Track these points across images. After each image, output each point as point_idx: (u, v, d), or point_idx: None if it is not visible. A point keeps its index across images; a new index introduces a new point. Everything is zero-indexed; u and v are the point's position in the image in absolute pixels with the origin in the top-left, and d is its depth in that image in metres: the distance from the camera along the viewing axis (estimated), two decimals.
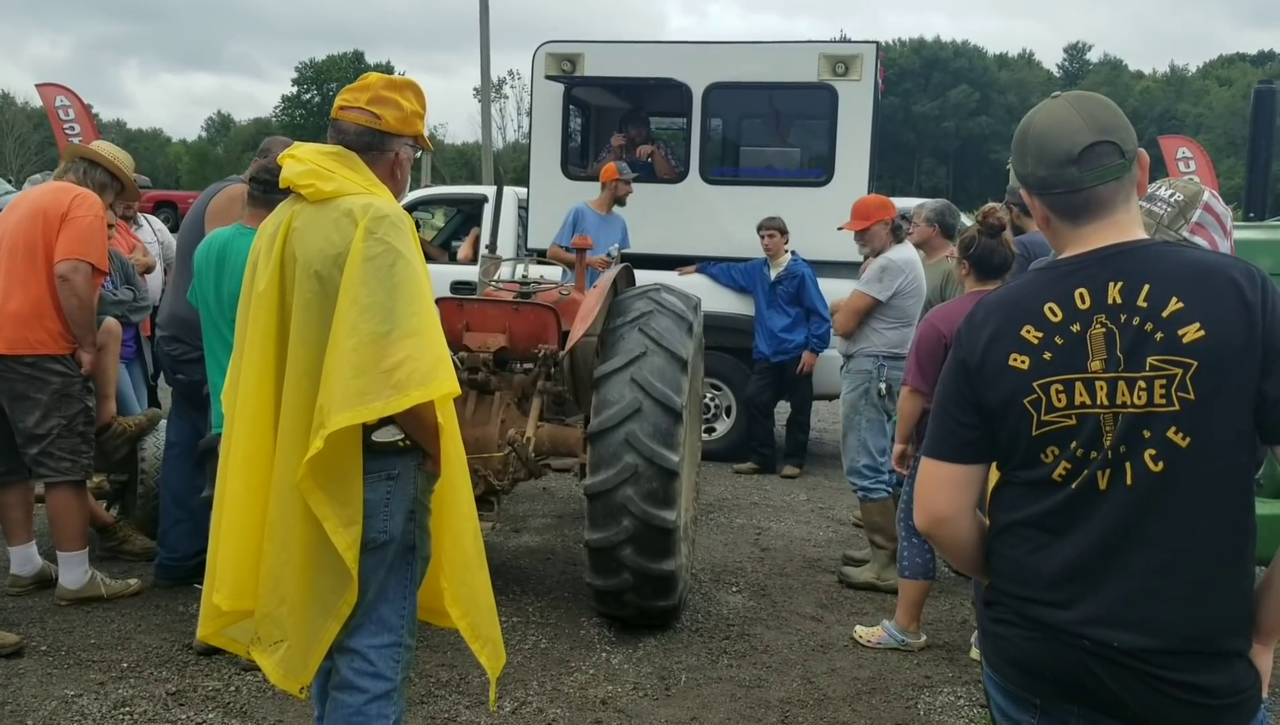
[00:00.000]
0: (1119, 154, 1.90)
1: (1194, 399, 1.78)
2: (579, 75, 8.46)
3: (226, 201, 4.75)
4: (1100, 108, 1.93)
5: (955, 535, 2.03)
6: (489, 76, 19.56)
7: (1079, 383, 1.85)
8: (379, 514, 2.83)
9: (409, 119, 2.93)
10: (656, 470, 4.44)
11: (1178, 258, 1.87)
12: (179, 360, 4.82)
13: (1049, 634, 1.87)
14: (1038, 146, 1.93)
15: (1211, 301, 1.79)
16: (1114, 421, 1.83)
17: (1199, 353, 1.77)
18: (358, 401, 2.61)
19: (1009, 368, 1.90)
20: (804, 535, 6.61)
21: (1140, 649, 1.79)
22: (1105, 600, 1.82)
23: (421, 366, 2.63)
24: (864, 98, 8.12)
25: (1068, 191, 1.91)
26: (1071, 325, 1.86)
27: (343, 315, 2.66)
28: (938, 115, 73.39)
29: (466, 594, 2.99)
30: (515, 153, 53.54)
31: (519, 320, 5.13)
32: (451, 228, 10.92)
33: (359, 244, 2.66)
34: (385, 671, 2.93)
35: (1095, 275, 1.88)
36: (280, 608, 2.81)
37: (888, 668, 4.65)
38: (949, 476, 2.01)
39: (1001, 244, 4.58)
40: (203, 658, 4.37)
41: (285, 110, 72.58)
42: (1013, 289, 1.99)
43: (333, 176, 2.79)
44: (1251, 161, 6.46)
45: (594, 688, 4.32)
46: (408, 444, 2.86)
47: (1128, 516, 1.82)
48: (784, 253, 7.91)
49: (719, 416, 8.43)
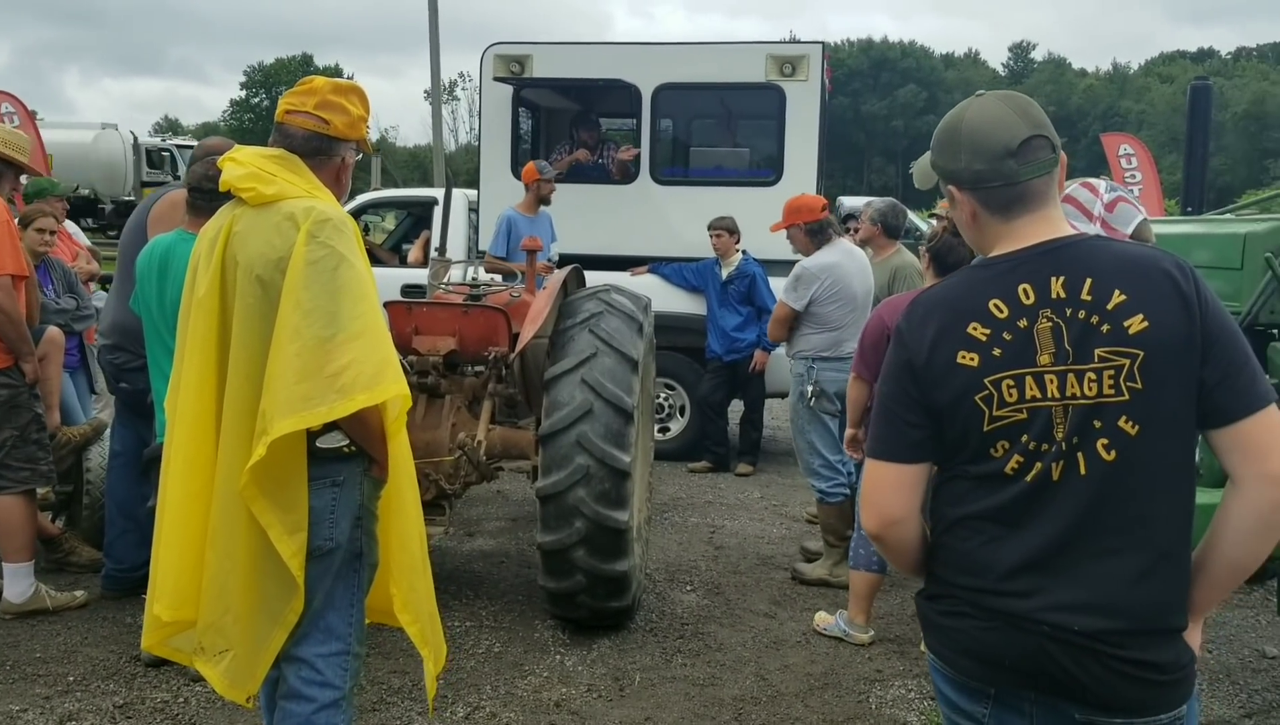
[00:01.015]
0: (1050, 149, 1.94)
1: (1142, 388, 1.82)
2: (528, 77, 8.44)
3: (169, 207, 4.69)
4: (1029, 105, 1.97)
5: (903, 536, 2.04)
6: (439, 79, 19.47)
7: (1029, 377, 1.88)
8: (324, 521, 2.81)
9: (355, 123, 2.91)
10: (608, 471, 4.45)
11: (1113, 252, 1.91)
12: (122, 368, 4.76)
13: (1008, 622, 1.90)
14: (973, 141, 1.94)
15: (1152, 293, 1.84)
16: (1065, 413, 1.86)
17: (1144, 343, 1.82)
18: (302, 407, 2.58)
19: (958, 366, 1.91)
20: (758, 533, 6.64)
21: (1098, 631, 1.83)
22: (1064, 587, 1.86)
23: (367, 370, 2.61)
24: (811, 97, 8.18)
25: (1004, 185, 1.93)
26: (1018, 321, 1.89)
27: (285, 320, 2.63)
28: (886, 115, 74.09)
29: (415, 599, 2.98)
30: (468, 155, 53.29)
31: (469, 323, 5.11)
32: (402, 231, 10.84)
33: (301, 248, 2.64)
34: (333, 680, 2.90)
35: (1037, 270, 1.90)
36: (225, 617, 2.78)
37: (839, 662, 4.69)
38: (897, 477, 2.01)
39: (963, 244, 4.65)
40: (151, 669, 4.32)
41: (233, 114, 71.75)
42: (951, 287, 2.00)
43: (274, 180, 2.76)
44: (1189, 156, 6.59)
45: (548, 690, 4.32)
46: (353, 450, 2.83)
47: (1082, 505, 1.86)
48: (735, 252, 7.95)
49: (673, 416, 8.45)
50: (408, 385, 2.76)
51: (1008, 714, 1.97)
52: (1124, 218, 3.39)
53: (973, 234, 2.02)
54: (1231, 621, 5.26)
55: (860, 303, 5.77)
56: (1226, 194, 38.30)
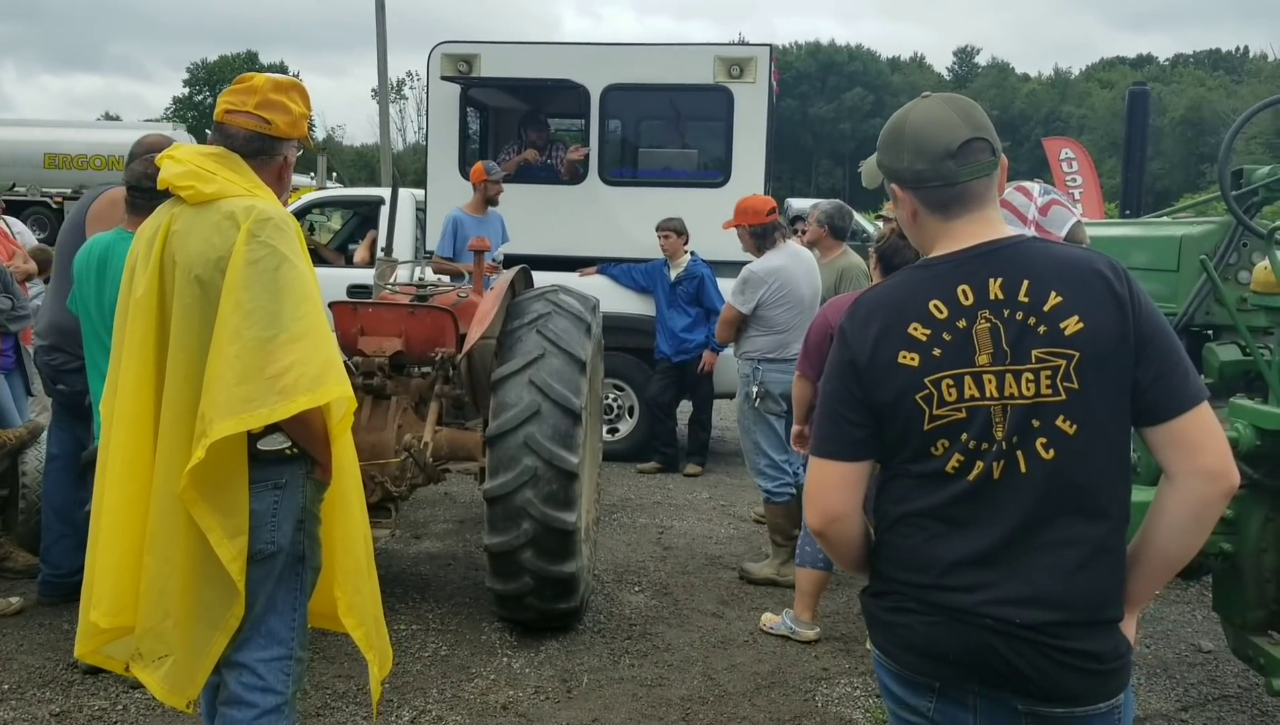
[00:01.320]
0: (990, 151, 1.97)
1: (1078, 388, 1.86)
2: (476, 76, 8.39)
3: (108, 205, 4.60)
4: (972, 107, 2.01)
5: (845, 533, 2.07)
6: (386, 78, 19.35)
7: (968, 377, 1.91)
8: (266, 524, 2.77)
9: (297, 122, 2.87)
10: (556, 472, 4.44)
11: (1048, 253, 1.95)
12: (59, 370, 4.66)
13: (952, 617, 1.93)
14: (915, 142, 1.98)
15: (1087, 295, 1.88)
16: (1004, 413, 1.90)
17: (1080, 344, 1.86)
18: (242, 408, 2.55)
19: (899, 365, 1.94)
20: (706, 533, 6.66)
21: (1040, 623, 1.87)
22: (1006, 581, 1.89)
23: (309, 371, 2.58)
24: (759, 99, 8.22)
25: (944, 185, 1.96)
26: (957, 321, 1.92)
27: (225, 321, 2.59)
28: (834, 117, 74.63)
29: (360, 603, 2.95)
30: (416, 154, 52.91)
31: (415, 323, 5.07)
32: (348, 230, 10.74)
33: (241, 247, 2.61)
34: (275, 685, 2.87)
35: (975, 271, 1.94)
36: (164, 622, 2.74)
37: (786, 661, 4.71)
38: (840, 475, 2.03)
39: (909, 246, 4.70)
40: (88, 676, 4.23)
41: (177, 111, 70.58)
42: (891, 287, 2.03)
43: (214, 178, 2.72)
44: (1127, 161, 6.70)
45: (495, 693, 4.29)
46: (295, 452, 2.80)
47: (1023, 502, 1.89)
48: (683, 253, 7.97)
49: (621, 417, 8.45)
50: (352, 387, 2.73)
51: (952, 707, 2.00)
52: (1058, 221, 3.45)
53: (914, 233, 2.06)
54: (1168, 617, 5.36)
55: (808, 305, 5.80)
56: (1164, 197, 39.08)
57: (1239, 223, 3.65)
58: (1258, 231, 3.53)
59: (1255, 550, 3.43)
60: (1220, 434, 1.88)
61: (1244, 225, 3.62)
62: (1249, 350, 3.55)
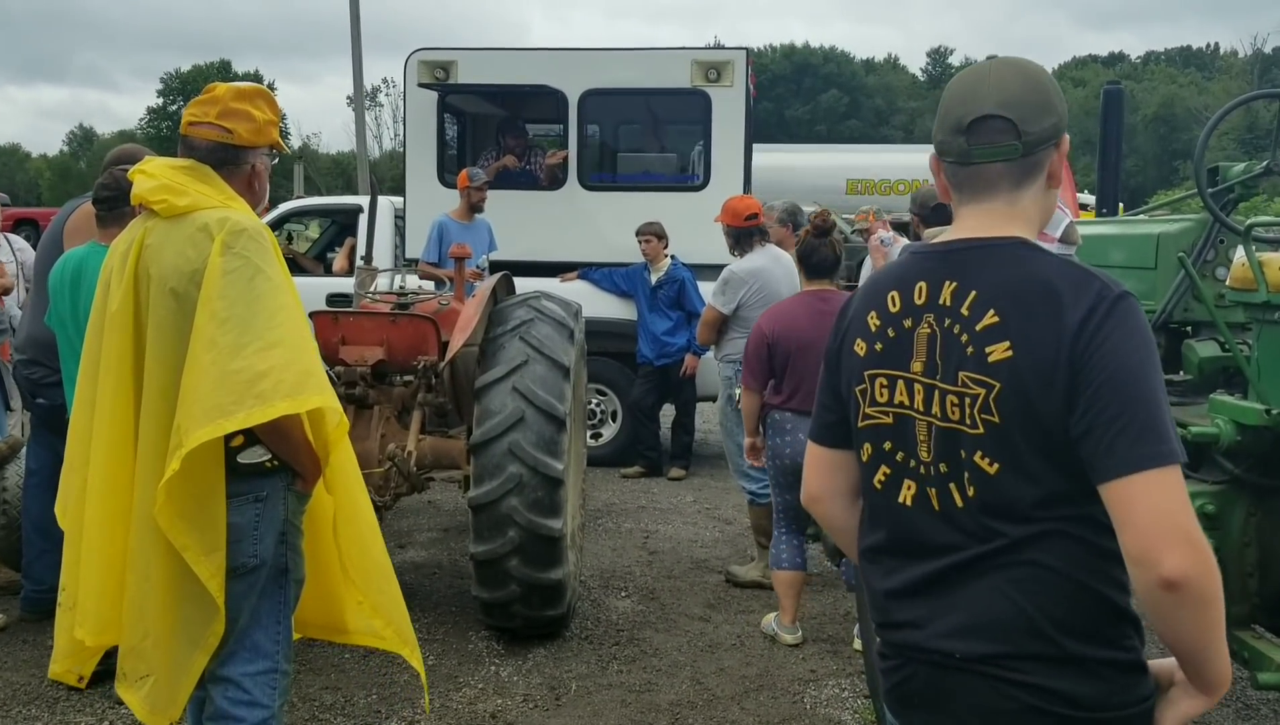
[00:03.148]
0: (1014, 134, 1.71)
1: (998, 423, 1.64)
2: (453, 82, 8.38)
3: (84, 219, 4.57)
4: (1015, 80, 1.74)
5: (827, 517, 2.03)
6: (362, 85, 19.28)
7: (901, 381, 1.77)
8: (248, 537, 2.75)
9: (262, 129, 2.85)
10: (541, 479, 4.43)
11: (1021, 265, 1.69)
12: (38, 384, 4.62)
13: (907, 656, 1.79)
14: (943, 107, 1.79)
15: (1025, 318, 1.64)
16: (929, 433, 1.73)
17: (1002, 373, 1.64)
18: (217, 414, 2.51)
19: (852, 352, 1.86)
20: (691, 537, 6.66)
21: (983, 655, 1.68)
22: (948, 612, 1.72)
23: (288, 377, 2.56)
24: (736, 102, 8.24)
25: (957, 162, 1.77)
26: (904, 319, 1.78)
27: (200, 331, 2.57)
28: (809, 119, 74.70)
29: (387, 602, 2.97)
30: (392, 161, 52.72)
31: (397, 332, 5.05)
32: (326, 239, 10.70)
33: (216, 259, 2.59)
34: (261, 699, 2.85)
35: (935, 270, 1.76)
36: (144, 641, 2.72)
37: (774, 664, 4.72)
38: (816, 457, 2.00)
39: (825, 245, 4.77)
40: (73, 693, 4.19)
41: (151, 122, 70.10)
42: (886, 270, 1.90)
43: (186, 191, 2.70)
44: (1102, 160, 6.73)
45: (483, 702, 4.28)
46: (275, 464, 2.78)
47: (955, 534, 1.71)
48: (663, 257, 7.97)
49: (604, 421, 8.44)
50: (336, 397, 2.72)
51: None
52: (1053, 222, 3.46)
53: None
54: None
55: None
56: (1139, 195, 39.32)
57: (1216, 220, 3.68)
58: (1235, 228, 3.56)
59: (1238, 544, 3.45)
60: (1159, 512, 1.53)
61: (1221, 222, 3.65)
62: (1228, 346, 3.58)
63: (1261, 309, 3.33)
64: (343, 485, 2.92)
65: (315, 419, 2.78)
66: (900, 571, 1.80)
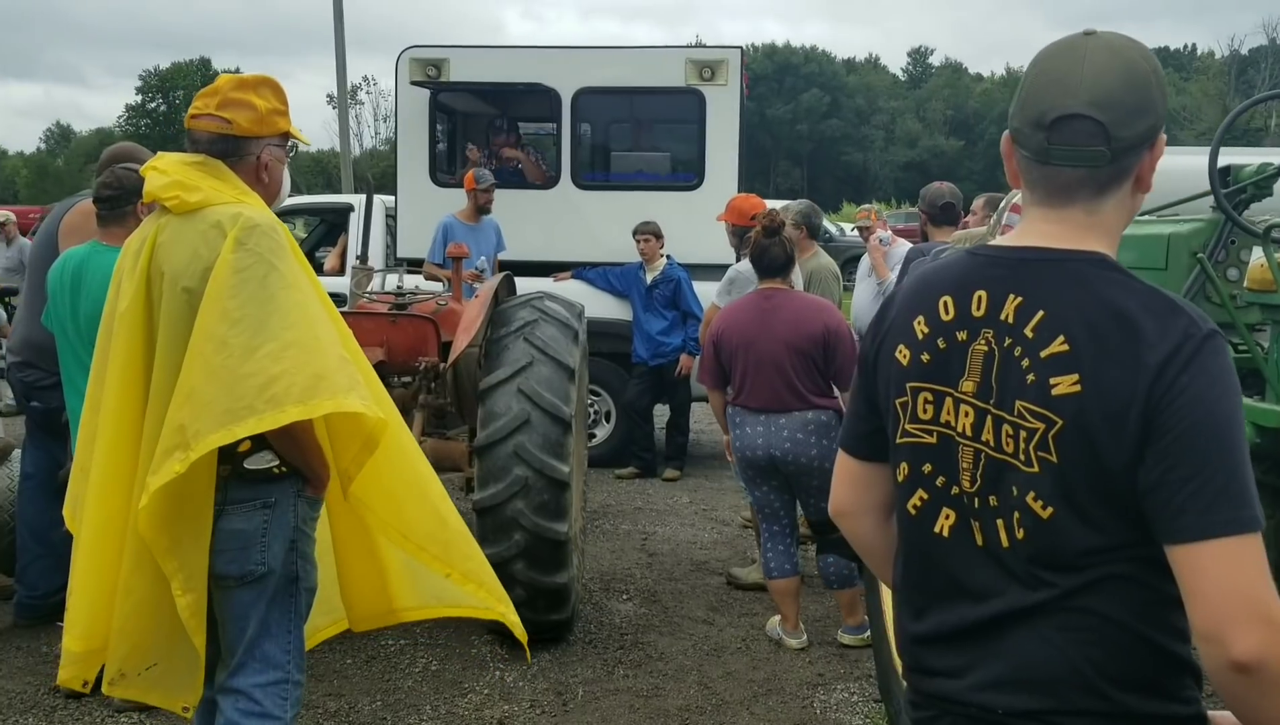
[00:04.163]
0: (1103, 139, 1.50)
1: (1056, 462, 1.47)
2: (445, 81, 8.31)
3: (81, 217, 4.48)
4: (1114, 71, 1.51)
5: (854, 533, 1.87)
6: (345, 84, 19.16)
7: (949, 398, 1.60)
8: (256, 545, 2.70)
9: (266, 118, 2.79)
10: (547, 482, 4.37)
11: (1099, 287, 1.49)
12: (33, 387, 4.54)
13: (943, 709, 1.65)
14: (1026, 89, 1.57)
15: (1100, 351, 1.45)
16: (976, 460, 1.57)
17: (1066, 409, 1.46)
18: (229, 419, 2.45)
19: (893, 359, 1.67)
20: (690, 538, 6.62)
21: (1027, 710, 1.54)
22: (989, 662, 1.58)
23: (300, 381, 2.49)
24: (731, 101, 8.20)
25: (1033, 158, 1.56)
26: (958, 331, 1.59)
27: (210, 331, 2.51)
28: (791, 119, 74.91)
29: (475, 567, 2.96)
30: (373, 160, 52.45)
31: (397, 333, 4.99)
32: (315, 238, 10.60)
33: (228, 255, 2.53)
34: (273, 710, 2.80)
35: (999, 279, 1.57)
36: (154, 635, 2.71)
37: (781, 668, 4.68)
38: (845, 468, 1.84)
39: (776, 244, 4.77)
40: (71, 701, 4.11)
41: (130, 119, 69.51)
42: (935, 269, 1.70)
43: (198, 187, 2.65)
44: None
45: (490, 708, 4.22)
46: (283, 470, 2.73)
47: (1003, 576, 1.56)
48: (659, 257, 7.93)
49: (598, 422, 8.39)
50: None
51: None
52: None
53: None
54: None
55: None
56: None
57: (1231, 221, 3.66)
58: (1253, 230, 3.54)
59: None
60: (1231, 585, 1.37)
61: (1237, 224, 3.63)
62: (1245, 347, 3.56)
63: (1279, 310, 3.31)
64: (397, 469, 2.88)
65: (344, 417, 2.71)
66: (932, 614, 1.66)
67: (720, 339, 4.76)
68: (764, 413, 4.67)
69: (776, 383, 4.64)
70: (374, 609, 3.18)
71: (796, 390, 4.63)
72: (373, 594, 3.15)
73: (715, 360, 4.81)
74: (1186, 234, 4.10)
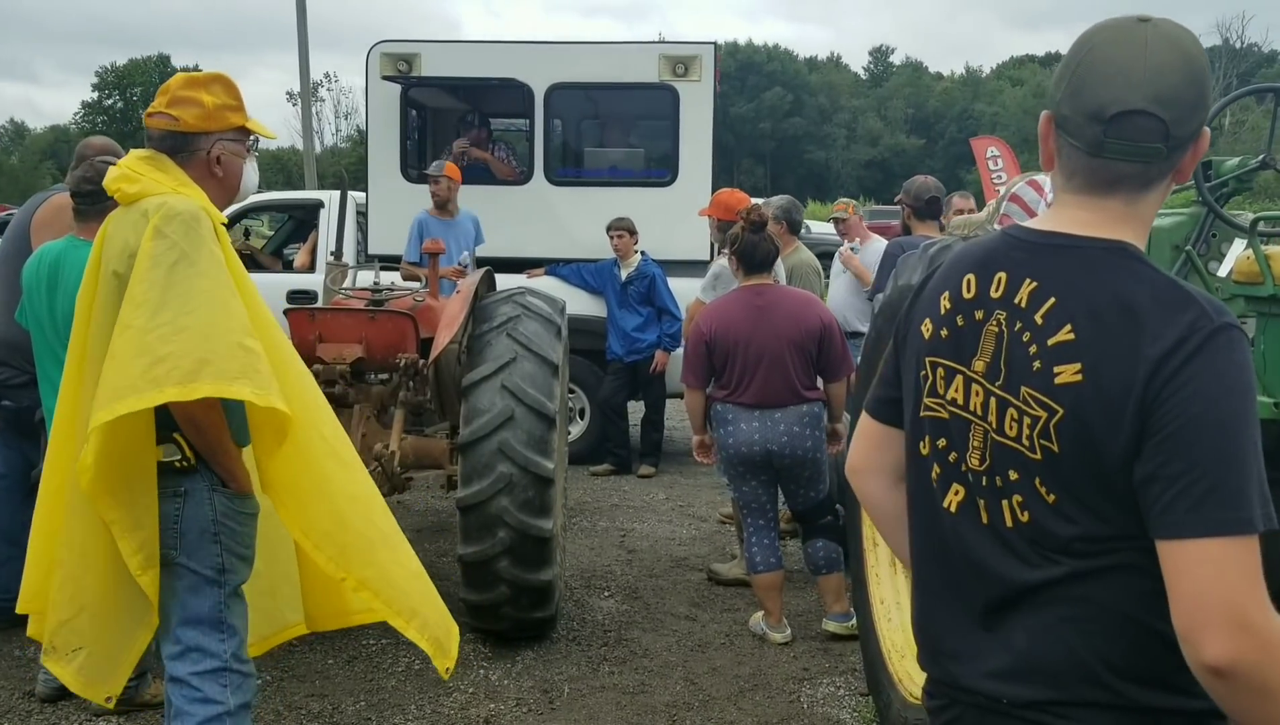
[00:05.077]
0: (1162, 135, 1.46)
1: (1057, 452, 1.47)
2: (416, 76, 8.23)
3: (53, 212, 4.39)
4: (1177, 66, 1.46)
5: (865, 492, 1.90)
6: (309, 80, 18.97)
7: (960, 376, 1.61)
8: (168, 530, 2.76)
9: (214, 114, 2.86)
10: (532, 479, 4.34)
11: (1112, 276, 1.47)
12: (6, 385, 4.43)
13: (953, 697, 1.66)
14: (1078, 76, 1.50)
15: (1105, 341, 1.44)
16: (984, 438, 1.57)
17: (1068, 399, 1.46)
18: (114, 398, 2.51)
19: (918, 332, 1.69)
20: (668, 534, 6.60)
21: (1031, 701, 1.54)
22: (996, 650, 1.58)
23: (183, 364, 2.51)
24: (704, 97, 8.19)
25: (1083, 150, 1.51)
26: (976, 310, 1.59)
27: (121, 316, 2.60)
28: (754, 117, 75.22)
29: (374, 574, 2.86)
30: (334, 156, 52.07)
31: (375, 329, 4.93)
32: (283, 235, 10.47)
33: (146, 243, 2.61)
34: (214, 695, 2.82)
35: (1020, 262, 1.56)
36: (79, 616, 2.76)
37: (766, 663, 4.67)
38: (866, 429, 1.88)
39: (763, 239, 4.78)
40: (47, 705, 4.03)
41: (86, 116, 68.51)
42: (970, 247, 1.70)
43: (140, 179, 2.75)
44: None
45: (475, 707, 4.18)
46: (185, 465, 2.74)
47: (1007, 559, 1.56)
48: (634, 253, 7.90)
49: (573, 419, 8.35)
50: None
51: None
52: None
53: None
54: None
55: None
56: None
57: (1215, 215, 3.69)
58: (1237, 224, 3.57)
59: None
60: (1208, 587, 1.35)
61: (1220, 217, 3.66)
62: None
63: (1267, 302, 3.33)
64: (304, 465, 2.81)
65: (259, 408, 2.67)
66: (941, 592, 1.67)
67: (714, 338, 4.72)
68: (759, 408, 4.67)
69: (775, 379, 4.65)
70: (329, 608, 3.23)
71: (793, 385, 4.65)
72: (324, 593, 3.18)
73: (706, 360, 4.77)
74: (1168, 227, 4.13)
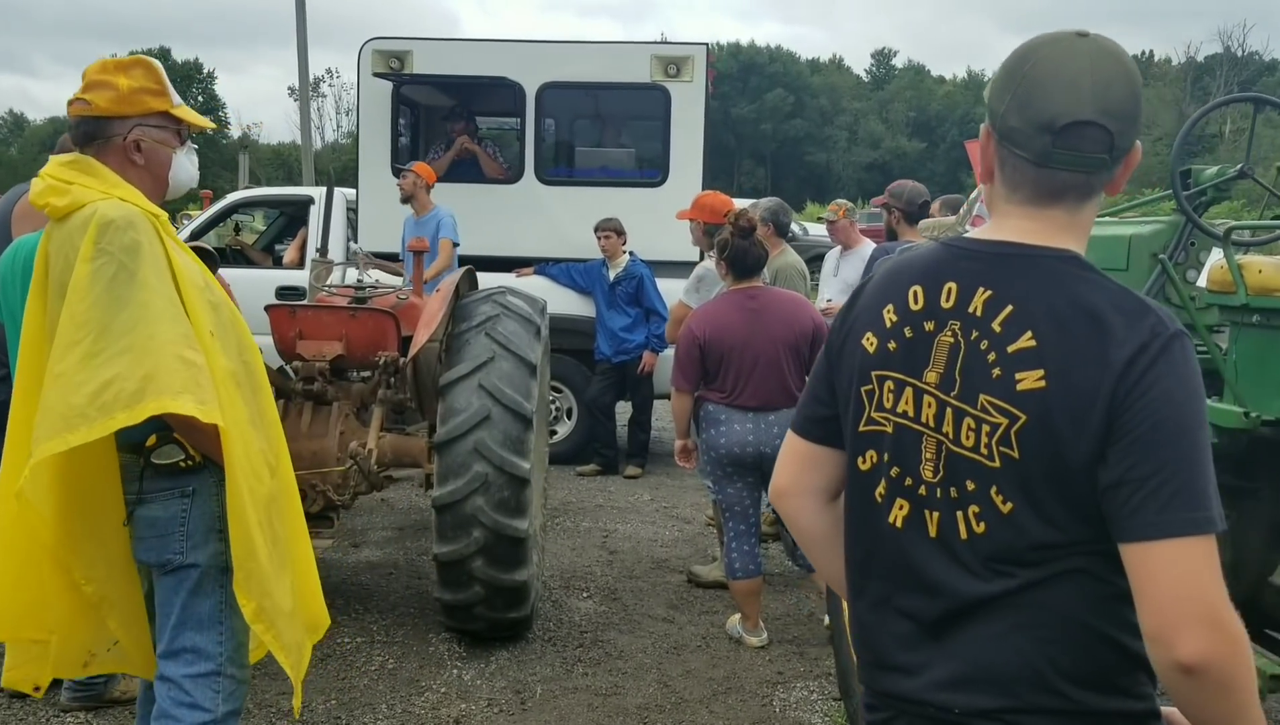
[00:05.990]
0: (1108, 145, 1.50)
1: (1018, 458, 1.48)
2: (408, 73, 8.23)
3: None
4: (1120, 80, 1.51)
5: (792, 514, 1.84)
6: (308, 76, 18.96)
7: (909, 388, 1.59)
8: (175, 533, 2.69)
9: (129, 97, 2.71)
10: (507, 478, 4.33)
11: (1070, 285, 1.50)
12: None
13: (898, 709, 1.64)
14: (1025, 90, 1.52)
15: (1068, 347, 1.46)
16: (937, 452, 1.56)
17: (1030, 405, 1.47)
18: (64, 428, 2.43)
19: (860, 346, 1.66)
20: (651, 536, 6.59)
21: (984, 709, 1.54)
22: (945, 660, 1.58)
23: (128, 387, 2.44)
24: (696, 98, 8.18)
25: (1029, 159, 1.53)
26: (926, 321, 1.59)
27: (62, 332, 2.50)
28: (755, 118, 75.15)
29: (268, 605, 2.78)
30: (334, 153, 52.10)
31: (356, 326, 4.92)
32: (275, 230, 10.46)
33: (85, 256, 2.51)
34: (203, 702, 2.75)
35: (969, 271, 1.57)
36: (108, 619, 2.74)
37: (740, 666, 4.66)
38: (793, 448, 1.83)
39: (753, 244, 4.78)
40: (15, 701, 4.02)
41: None
42: (908, 259, 1.69)
43: (68, 189, 2.62)
44: None
45: (446, 707, 4.17)
46: (190, 463, 2.69)
47: (957, 570, 1.56)
48: (622, 253, 7.89)
49: (560, 419, 8.34)
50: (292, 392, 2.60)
51: None
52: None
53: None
54: None
55: None
56: None
57: (1192, 223, 3.69)
58: (1212, 232, 3.57)
59: None
60: (1181, 587, 1.38)
61: (1197, 226, 3.66)
62: (1204, 348, 3.59)
63: (1240, 312, 3.33)
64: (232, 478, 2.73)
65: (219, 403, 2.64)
66: (883, 607, 1.65)
67: (707, 342, 4.71)
68: (753, 411, 4.66)
69: (771, 382, 4.65)
70: None
71: (787, 387, 4.66)
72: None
73: (699, 363, 4.75)
74: (1148, 235, 4.14)
